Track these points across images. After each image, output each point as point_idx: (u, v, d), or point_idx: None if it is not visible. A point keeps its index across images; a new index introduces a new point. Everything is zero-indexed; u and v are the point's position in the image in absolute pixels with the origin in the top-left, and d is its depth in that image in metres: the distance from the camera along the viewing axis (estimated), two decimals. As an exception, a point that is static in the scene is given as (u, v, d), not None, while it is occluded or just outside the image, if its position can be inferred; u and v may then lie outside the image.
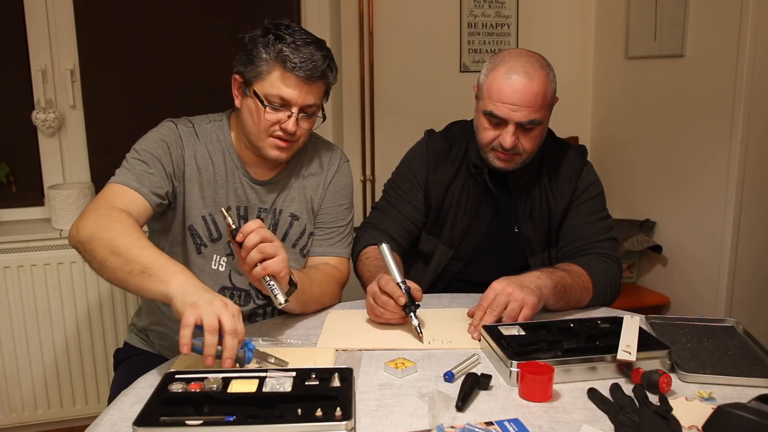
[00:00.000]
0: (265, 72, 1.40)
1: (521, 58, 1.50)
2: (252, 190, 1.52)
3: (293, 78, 1.39)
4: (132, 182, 1.37)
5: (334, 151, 1.64)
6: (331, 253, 1.59)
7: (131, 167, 1.40)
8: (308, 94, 1.41)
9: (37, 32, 2.36)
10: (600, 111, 2.99)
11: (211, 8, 2.56)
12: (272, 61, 1.39)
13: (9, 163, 2.42)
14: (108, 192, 1.37)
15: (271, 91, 1.40)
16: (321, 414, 0.95)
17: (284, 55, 1.38)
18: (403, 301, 1.30)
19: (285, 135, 1.43)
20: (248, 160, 1.52)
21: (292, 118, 1.41)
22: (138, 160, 1.41)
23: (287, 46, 1.38)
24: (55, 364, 2.36)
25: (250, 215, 1.53)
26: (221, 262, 1.52)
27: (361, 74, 2.62)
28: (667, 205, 2.62)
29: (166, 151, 1.44)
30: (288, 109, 1.41)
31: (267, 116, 1.41)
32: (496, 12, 2.78)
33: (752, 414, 0.90)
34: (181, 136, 1.48)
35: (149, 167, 1.41)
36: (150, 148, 1.43)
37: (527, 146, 1.53)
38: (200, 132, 1.50)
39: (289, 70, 1.38)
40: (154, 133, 1.47)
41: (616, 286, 1.56)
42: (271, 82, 1.40)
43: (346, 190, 1.63)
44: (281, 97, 1.40)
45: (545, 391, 1.06)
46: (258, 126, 1.43)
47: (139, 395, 1.08)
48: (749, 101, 2.24)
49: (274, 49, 1.39)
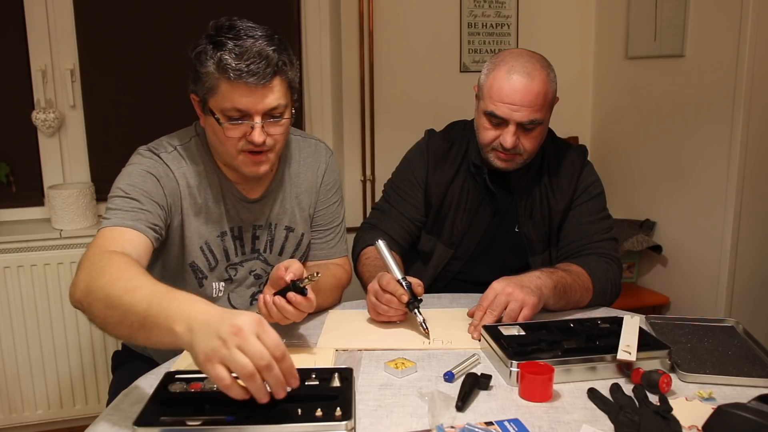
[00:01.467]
0: (214, 86, 1.26)
1: (522, 57, 1.50)
2: (245, 209, 1.45)
3: (242, 86, 1.24)
4: (126, 221, 1.24)
5: (318, 147, 1.56)
6: (335, 254, 1.59)
7: (120, 207, 1.27)
8: (266, 98, 1.27)
9: (37, 32, 2.36)
10: (600, 111, 2.99)
11: (211, 9, 2.56)
12: (216, 73, 1.25)
13: (9, 163, 2.42)
14: (100, 238, 1.22)
15: (225, 105, 1.26)
16: (321, 414, 0.95)
17: (225, 65, 1.23)
18: (406, 299, 1.30)
19: (255, 147, 1.30)
20: (234, 177, 1.42)
21: (257, 129, 1.28)
22: (127, 198, 1.28)
23: (228, 53, 1.23)
24: (55, 364, 2.36)
25: (244, 234, 1.47)
26: (220, 288, 1.48)
27: (361, 74, 2.62)
28: (667, 205, 2.62)
29: (157, 185, 1.32)
30: (250, 119, 1.28)
31: (228, 132, 1.29)
32: (496, 12, 2.78)
33: (752, 414, 0.90)
34: (169, 166, 1.35)
35: (141, 204, 1.28)
36: (138, 183, 1.30)
37: (528, 146, 1.53)
38: (186, 153, 1.39)
39: (236, 79, 1.23)
40: (137, 167, 1.33)
41: (616, 286, 1.56)
42: (223, 95, 1.26)
43: (336, 186, 1.59)
44: (237, 108, 1.26)
45: (545, 391, 1.06)
46: (225, 145, 1.31)
47: (139, 396, 1.08)
48: (749, 101, 2.24)
49: (214, 60, 1.24)
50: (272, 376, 0.88)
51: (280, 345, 0.89)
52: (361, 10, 2.58)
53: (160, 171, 1.34)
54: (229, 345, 0.86)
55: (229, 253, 1.46)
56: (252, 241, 1.49)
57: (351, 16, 2.58)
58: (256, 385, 0.87)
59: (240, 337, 0.87)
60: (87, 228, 2.35)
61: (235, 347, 0.86)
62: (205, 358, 0.87)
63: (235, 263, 1.48)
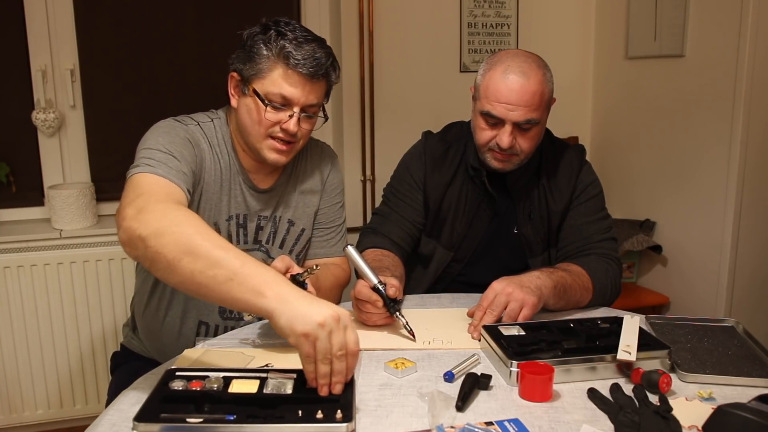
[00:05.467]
0: (266, 69, 1.34)
1: (518, 58, 1.50)
2: (252, 198, 1.48)
3: (296, 76, 1.33)
4: (172, 176, 1.24)
5: (324, 149, 1.62)
6: (335, 253, 1.60)
7: (161, 161, 1.25)
8: (311, 93, 1.36)
9: (37, 32, 2.36)
10: (600, 111, 2.99)
11: (211, 8, 2.56)
12: (274, 57, 1.33)
13: (9, 163, 2.42)
14: (154, 185, 1.20)
15: (272, 90, 1.34)
16: (321, 416, 0.95)
17: (287, 52, 1.32)
18: (380, 304, 1.30)
19: (285, 136, 1.37)
20: (248, 165, 1.47)
21: (294, 118, 1.36)
22: (167, 154, 1.28)
23: (290, 42, 1.33)
24: (55, 364, 2.36)
25: (248, 223, 1.49)
26: None
27: (361, 74, 2.62)
28: (667, 205, 2.62)
29: (191, 150, 1.34)
30: (289, 109, 1.36)
31: (267, 116, 1.35)
32: (496, 12, 2.78)
33: (752, 414, 0.90)
34: (195, 135, 1.38)
35: (180, 163, 1.28)
36: (177, 143, 1.32)
37: (524, 146, 1.53)
38: (206, 130, 1.43)
39: (292, 68, 1.33)
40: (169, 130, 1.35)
41: (616, 286, 1.56)
42: (272, 80, 1.34)
43: (339, 187, 1.63)
44: (283, 95, 1.34)
45: (545, 391, 1.06)
46: (257, 126, 1.37)
47: (139, 396, 1.07)
48: (749, 101, 2.24)
49: (276, 46, 1.33)
50: (340, 366, 0.99)
51: (358, 343, 1.01)
52: (361, 10, 2.58)
53: (195, 137, 1.38)
54: (326, 329, 0.97)
55: (232, 239, 1.48)
56: (255, 232, 1.51)
57: (351, 16, 2.58)
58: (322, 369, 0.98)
59: (336, 326, 0.98)
60: (87, 228, 2.35)
61: (328, 332, 0.97)
62: (303, 332, 0.96)
63: None
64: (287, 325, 0.97)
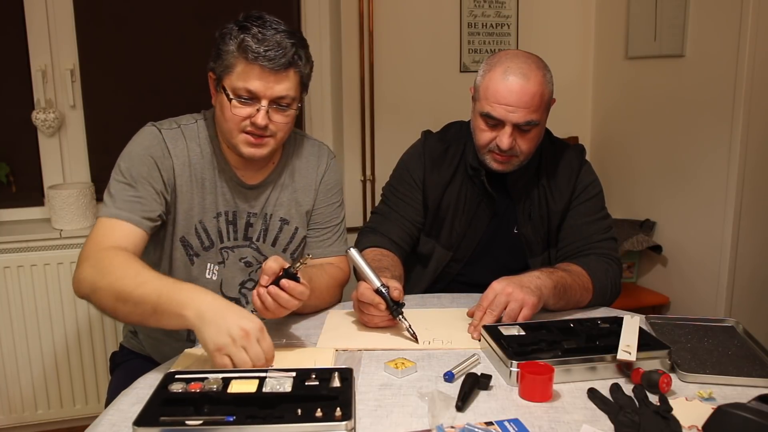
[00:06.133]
0: (231, 65, 1.35)
1: (518, 59, 1.50)
2: (240, 195, 1.49)
3: (257, 68, 1.33)
4: (122, 213, 1.33)
5: (321, 148, 1.61)
6: (331, 253, 1.59)
7: (118, 194, 1.35)
8: (276, 85, 1.35)
9: (37, 32, 2.36)
10: (600, 111, 2.99)
11: (211, 8, 2.56)
12: (236, 52, 1.34)
13: (9, 163, 2.42)
14: (97, 233, 1.32)
15: (238, 84, 1.35)
16: (321, 414, 0.95)
17: (246, 45, 1.32)
18: (383, 307, 1.30)
19: (256, 130, 1.37)
20: (235, 162, 1.47)
21: (261, 112, 1.36)
22: (124, 184, 1.36)
23: (251, 36, 1.33)
24: (55, 364, 2.36)
25: (238, 220, 1.49)
26: (214, 271, 1.49)
27: (361, 74, 2.62)
28: (667, 205, 2.62)
29: (154, 167, 1.39)
30: (257, 102, 1.36)
31: (235, 111, 1.36)
32: (496, 12, 2.78)
33: (752, 414, 0.90)
34: (166, 143, 1.42)
35: (137, 191, 1.36)
36: (135, 167, 1.38)
37: (524, 147, 1.53)
38: (187, 132, 1.45)
39: (252, 61, 1.33)
40: (137, 147, 1.41)
41: (616, 286, 1.56)
42: (237, 74, 1.35)
43: (336, 187, 1.62)
44: (248, 89, 1.34)
45: (545, 391, 1.06)
46: (229, 122, 1.38)
47: (139, 396, 1.08)
48: (749, 101, 2.24)
49: (236, 41, 1.34)
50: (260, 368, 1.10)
51: (272, 350, 1.12)
52: (361, 10, 2.58)
53: (158, 151, 1.41)
54: (237, 344, 1.09)
55: (222, 235, 1.49)
56: (245, 228, 1.51)
57: (351, 16, 2.58)
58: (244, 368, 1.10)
59: (246, 340, 1.09)
60: (87, 228, 2.35)
61: (241, 347, 1.09)
62: (215, 348, 1.09)
63: (228, 246, 1.50)
64: (203, 341, 1.11)
